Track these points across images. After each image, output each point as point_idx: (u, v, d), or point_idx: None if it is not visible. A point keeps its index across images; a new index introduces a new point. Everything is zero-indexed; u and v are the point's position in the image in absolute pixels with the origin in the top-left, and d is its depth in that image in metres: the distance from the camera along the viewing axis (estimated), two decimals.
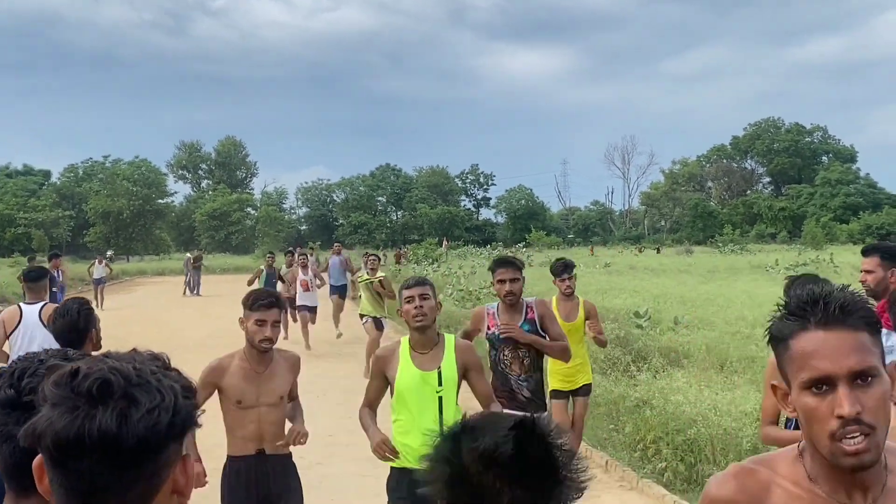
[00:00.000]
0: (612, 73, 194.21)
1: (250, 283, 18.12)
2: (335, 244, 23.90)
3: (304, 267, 17.83)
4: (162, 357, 1.36)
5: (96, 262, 30.65)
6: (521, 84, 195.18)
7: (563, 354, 6.28)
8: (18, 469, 1.59)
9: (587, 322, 7.90)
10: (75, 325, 4.11)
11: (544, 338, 6.11)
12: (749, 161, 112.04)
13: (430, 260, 38.37)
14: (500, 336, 6.19)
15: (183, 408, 1.28)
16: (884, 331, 5.16)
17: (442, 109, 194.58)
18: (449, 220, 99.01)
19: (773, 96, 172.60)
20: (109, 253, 56.47)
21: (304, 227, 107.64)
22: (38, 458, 1.29)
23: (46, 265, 20.90)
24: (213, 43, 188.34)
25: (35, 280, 7.67)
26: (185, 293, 35.39)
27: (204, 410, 1.32)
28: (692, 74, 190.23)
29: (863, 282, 5.16)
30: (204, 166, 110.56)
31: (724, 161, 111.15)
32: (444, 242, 61.54)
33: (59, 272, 21.20)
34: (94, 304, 4.67)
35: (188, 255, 42.30)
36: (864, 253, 5.27)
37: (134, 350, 1.35)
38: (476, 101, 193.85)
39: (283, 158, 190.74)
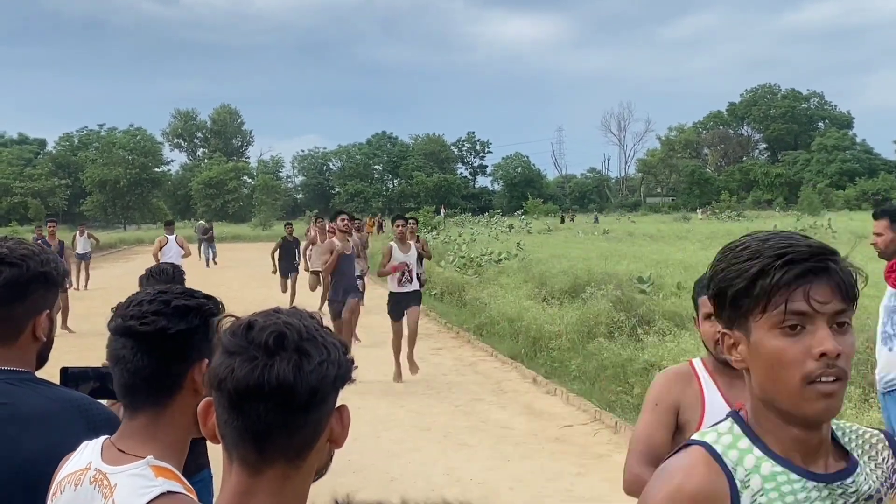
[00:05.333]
0: (608, 40, 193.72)
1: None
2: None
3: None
4: (317, 316, 1.46)
5: (77, 234, 24.84)
6: (516, 51, 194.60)
7: None
8: (127, 389, 1.79)
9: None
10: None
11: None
12: (745, 127, 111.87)
13: (430, 227, 38.38)
14: None
15: (345, 362, 1.40)
16: (890, 290, 5.30)
17: (437, 77, 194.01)
18: (445, 188, 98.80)
19: (769, 62, 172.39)
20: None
21: (300, 196, 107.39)
22: (204, 402, 1.43)
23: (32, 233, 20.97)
24: (206, 10, 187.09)
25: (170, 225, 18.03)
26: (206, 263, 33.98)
27: (357, 366, 1.45)
28: (688, 40, 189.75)
29: (874, 244, 5.27)
30: (199, 135, 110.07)
31: (721, 127, 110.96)
32: (442, 210, 61.56)
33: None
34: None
35: (201, 222, 42.07)
36: (875, 216, 5.38)
37: (295, 308, 1.46)
38: (471, 69, 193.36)
39: (278, 127, 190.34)
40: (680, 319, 11.39)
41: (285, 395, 1.33)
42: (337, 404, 1.44)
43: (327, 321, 10.61)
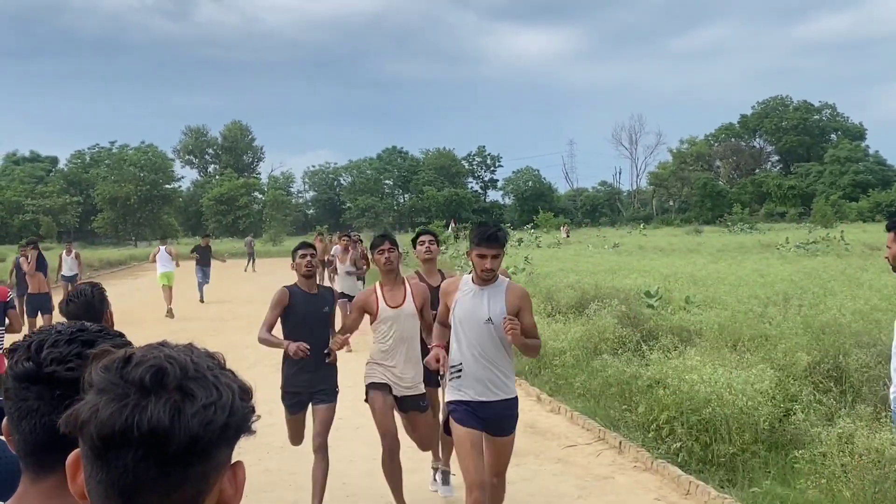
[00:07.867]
0: (619, 52, 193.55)
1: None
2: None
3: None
4: (217, 356, 1.23)
5: (64, 254, 21.37)
6: (526, 64, 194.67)
7: None
8: (38, 447, 1.52)
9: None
10: (90, 306, 4.16)
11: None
12: (758, 140, 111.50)
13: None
14: None
15: (240, 409, 1.16)
16: None
17: (448, 91, 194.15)
18: (456, 203, 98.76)
19: (780, 74, 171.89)
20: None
21: (311, 211, 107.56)
22: (72, 455, 1.20)
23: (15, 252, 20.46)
24: (217, 27, 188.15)
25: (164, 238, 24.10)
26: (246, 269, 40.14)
27: (259, 416, 1.20)
28: (699, 52, 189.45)
29: (886, 258, 5.11)
30: (210, 151, 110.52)
31: (733, 140, 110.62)
32: (452, 224, 61.44)
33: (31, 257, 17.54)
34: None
35: (249, 237, 43.31)
36: (887, 228, 5.23)
37: (190, 344, 1.23)
38: (482, 83, 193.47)
39: (289, 142, 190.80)
40: (687, 335, 11.10)
41: (159, 443, 1.09)
42: (235, 459, 1.20)
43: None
